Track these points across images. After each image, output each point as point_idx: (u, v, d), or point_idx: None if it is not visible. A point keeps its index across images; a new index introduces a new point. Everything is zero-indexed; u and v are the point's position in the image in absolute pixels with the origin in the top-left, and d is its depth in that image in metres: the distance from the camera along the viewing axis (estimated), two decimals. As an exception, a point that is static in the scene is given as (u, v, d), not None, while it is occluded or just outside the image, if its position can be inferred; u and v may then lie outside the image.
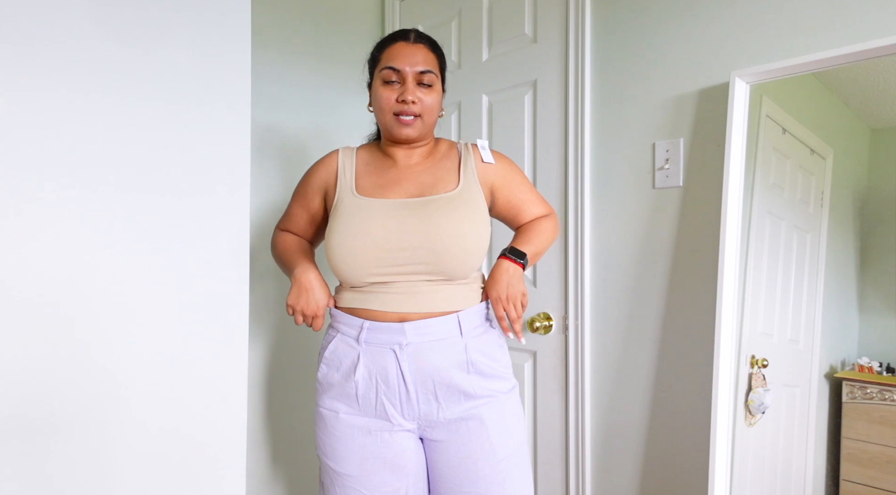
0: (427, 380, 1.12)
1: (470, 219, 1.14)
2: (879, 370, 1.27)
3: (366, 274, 1.13)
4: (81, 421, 0.96)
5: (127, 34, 1.00)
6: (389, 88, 1.17)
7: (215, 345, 1.11)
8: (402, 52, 1.17)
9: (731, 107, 1.38)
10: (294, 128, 1.93)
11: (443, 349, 1.13)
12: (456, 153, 1.25)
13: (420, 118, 1.17)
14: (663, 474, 1.55)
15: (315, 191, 1.27)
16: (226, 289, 1.12)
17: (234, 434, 1.14)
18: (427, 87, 1.17)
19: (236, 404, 1.13)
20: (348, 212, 1.15)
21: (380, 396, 1.13)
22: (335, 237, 1.14)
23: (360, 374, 1.13)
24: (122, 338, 0.99)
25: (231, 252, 1.12)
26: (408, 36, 1.20)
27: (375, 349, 1.13)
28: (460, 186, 1.18)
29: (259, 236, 1.82)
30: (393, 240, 1.11)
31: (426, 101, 1.17)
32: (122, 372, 0.99)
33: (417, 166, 1.23)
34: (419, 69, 1.16)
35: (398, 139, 1.20)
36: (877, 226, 1.29)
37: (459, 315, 1.14)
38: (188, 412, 1.07)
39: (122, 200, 0.99)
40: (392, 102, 1.16)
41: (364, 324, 1.14)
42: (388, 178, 1.21)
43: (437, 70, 1.20)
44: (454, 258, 1.11)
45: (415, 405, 1.13)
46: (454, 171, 1.21)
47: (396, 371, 1.12)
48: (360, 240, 1.11)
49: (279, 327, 1.89)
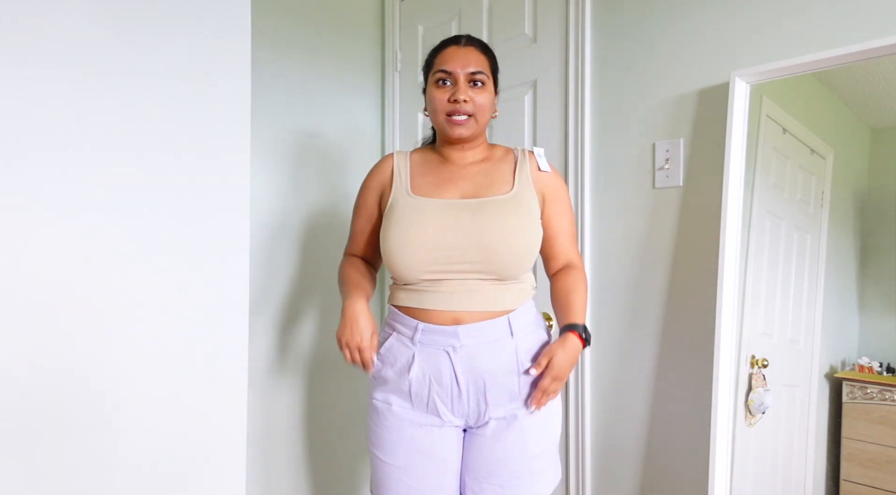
0: (479, 381, 1.15)
1: (521, 223, 1.17)
2: (879, 370, 1.27)
3: (420, 271, 1.15)
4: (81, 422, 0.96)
5: (127, 35, 1.00)
6: (442, 90, 1.20)
7: (215, 345, 1.11)
8: (454, 55, 1.20)
9: (731, 107, 1.38)
10: (294, 128, 1.93)
11: (494, 351, 1.16)
12: (512, 158, 1.27)
13: (473, 117, 1.20)
14: (663, 474, 1.55)
15: (374, 198, 1.28)
16: (226, 289, 1.12)
17: (234, 434, 1.14)
18: (479, 86, 1.20)
19: (236, 404, 1.13)
20: (403, 211, 1.18)
21: (432, 395, 1.16)
22: (390, 235, 1.16)
23: (414, 373, 1.16)
24: (121, 340, 0.99)
25: (231, 253, 1.13)
26: (459, 40, 1.23)
27: (430, 350, 1.16)
28: (514, 190, 1.20)
29: (259, 237, 1.82)
30: (448, 239, 1.14)
31: (478, 101, 1.19)
32: (121, 373, 0.99)
33: (473, 167, 1.25)
34: (470, 70, 1.19)
35: (452, 139, 1.23)
36: (877, 226, 1.29)
37: (510, 316, 1.17)
38: (188, 412, 1.07)
39: (121, 201, 0.99)
40: (445, 103, 1.19)
41: (419, 326, 1.16)
42: (443, 177, 1.23)
43: (488, 71, 1.22)
44: (502, 259, 1.14)
45: (465, 404, 1.16)
46: (509, 175, 1.23)
47: (450, 372, 1.15)
48: (415, 238, 1.14)
49: (279, 328, 1.89)
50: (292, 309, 1.92)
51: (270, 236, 1.87)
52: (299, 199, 1.94)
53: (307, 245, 1.96)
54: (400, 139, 2.16)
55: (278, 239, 1.89)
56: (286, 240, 1.91)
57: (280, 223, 1.89)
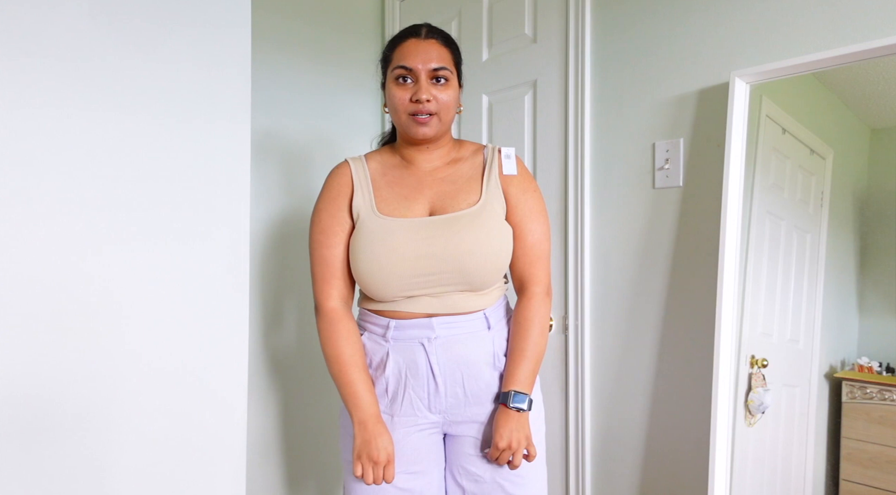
0: (456, 372, 1.12)
1: (492, 236, 1.13)
2: (879, 370, 1.27)
3: (395, 293, 1.12)
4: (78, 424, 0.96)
5: (126, 34, 1.00)
6: (403, 88, 1.12)
7: (214, 347, 1.11)
8: (414, 50, 1.12)
9: (731, 107, 1.38)
10: (294, 128, 1.93)
11: (471, 341, 1.13)
12: (481, 159, 1.21)
13: (436, 116, 1.13)
14: (663, 474, 1.55)
15: (345, 217, 1.16)
16: (225, 292, 1.12)
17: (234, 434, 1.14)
18: (442, 83, 1.13)
19: (235, 406, 1.13)
20: (372, 233, 1.11)
21: (408, 391, 1.13)
22: (363, 260, 1.11)
23: (389, 370, 1.13)
24: (120, 341, 0.99)
25: (230, 255, 1.12)
26: (419, 32, 1.15)
27: (404, 344, 1.13)
28: (482, 200, 1.15)
29: (259, 239, 1.83)
30: (422, 263, 1.10)
31: (441, 99, 1.12)
32: (118, 376, 0.99)
33: (438, 172, 1.19)
34: (432, 66, 1.11)
35: (415, 139, 1.16)
36: (877, 226, 1.29)
37: (486, 312, 1.15)
38: (186, 415, 1.07)
39: (121, 203, 0.99)
40: (406, 102, 1.12)
41: (391, 323, 1.13)
42: (409, 187, 1.17)
43: (451, 65, 1.15)
44: (482, 274, 1.12)
45: (442, 398, 1.13)
46: (476, 181, 1.18)
47: (426, 363, 1.12)
48: (387, 264, 1.09)
49: (278, 330, 1.89)
50: (292, 309, 1.92)
51: (270, 236, 1.87)
52: (299, 199, 1.94)
53: (306, 244, 1.96)
54: (400, 139, 2.16)
55: (279, 239, 1.89)
56: (286, 241, 1.91)
57: (280, 223, 1.89)
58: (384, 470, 1.08)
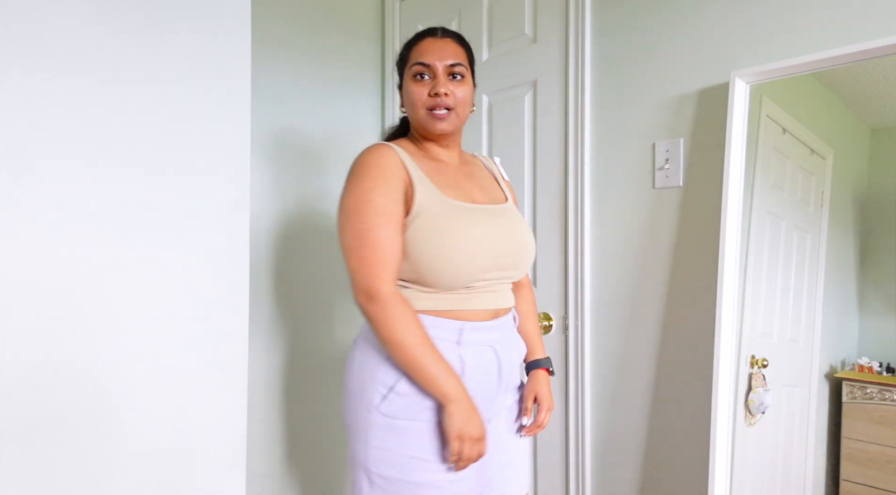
0: (510, 373, 1.17)
1: (529, 229, 1.22)
2: (879, 370, 1.27)
3: (466, 281, 1.09)
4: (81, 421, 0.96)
5: (126, 36, 1.00)
6: (421, 84, 1.14)
7: (215, 347, 1.11)
8: (432, 47, 1.15)
9: (731, 107, 1.38)
10: (294, 127, 1.93)
11: (517, 342, 1.21)
12: (481, 163, 1.30)
13: (453, 111, 1.14)
14: (663, 474, 1.55)
15: (401, 199, 1.08)
16: (225, 291, 1.12)
17: (234, 435, 1.14)
18: (458, 80, 1.15)
19: (236, 406, 1.13)
20: (443, 217, 1.07)
21: (478, 394, 1.10)
22: (435, 245, 1.05)
23: (469, 376, 1.09)
24: (121, 341, 0.99)
25: (230, 254, 1.12)
26: (435, 32, 1.18)
27: (476, 348, 1.11)
28: (509, 198, 1.24)
29: (259, 237, 1.82)
30: (496, 249, 1.11)
31: (458, 94, 1.14)
32: (121, 374, 0.99)
33: (463, 168, 1.22)
34: (449, 62, 1.14)
35: (433, 135, 1.16)
36: (877, 226, 1.29)
37: (513, 309, 1.23)
38: (188, 413, 1.07)
39: (121, 201, 0.99)
40: (424, 97, 1.13)
41: (464, 326, 1.09)
42: (450, 176, 1.17)
43: (466, 63, 1.18)
44: (526, 263, 1.19)
45: (500, 398, 1.17)
46: (492, 181, 1.26)
47: (496, 366, 1.13)
48: (465, 248, 1.07)
49: (278, 330, 1.89)
50: (292, 309, 1.92)
51: (270, 236, 1.87)
52: (298, 199, 1.94)
53: (307, 245, 1.96)
54: (400, 139, 2.16)
55: (279, 239, 1.89)
56: (286, 241, 1.91)
57: (279, 223, 1.89)
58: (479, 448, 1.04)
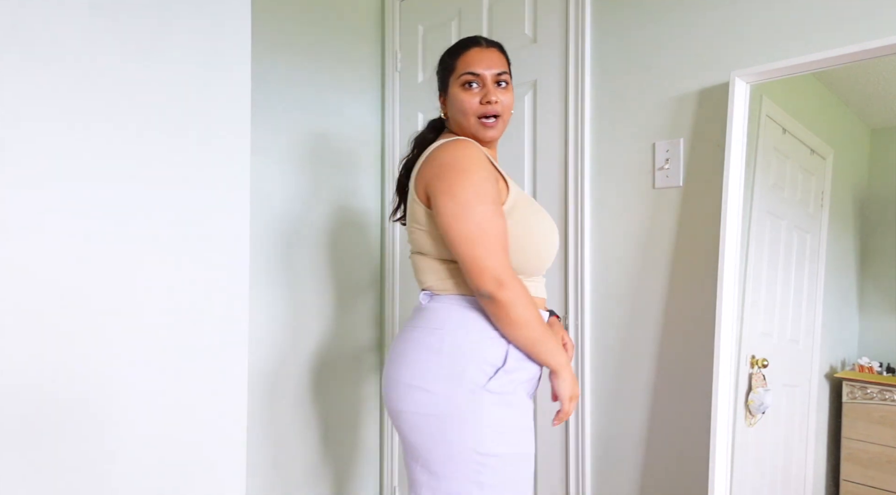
0: None
1: None
2: (879, 370, 1.27)
3: (546, 266, 1.23)
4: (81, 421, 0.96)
5: (126, 36, 1.00)
6: (471, 92, 1.19)
7: (215, 346, 1.11)
8: (479, 57, 1.21)
9: (731, 107, 1.38)
10: (294, 128, 1.93)
11: None
12: None
13: (500, 118, 1.21)
14: (663, 474, 1.55)
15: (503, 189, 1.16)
16: (225, 291, 1.12)
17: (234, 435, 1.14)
18: (503, 87, 1.21)
19: (236, 405, 1.13)
20: (533, 206, 1.22)
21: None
22: (539, 231, 1.20)
23: None
24: (121, 340, 0.99)
25: (231, 253, 1.13)
26: (479, 42, 1.24)
27: None
28: None
29: (259, 237, 1.82)
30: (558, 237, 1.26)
31: (505, 101, 1.20)
32: (121, 374, 0.99)
33: None
34: (496, 71, 1.20)
35: (484, 141, 1.22)
36: (877, 226, 1.29)
37: None
38: (187, 413, 1.07)
39: (121, 202, 0.99)
40: (475, 105, 1.19)
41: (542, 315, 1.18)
42: None
43: (509, 71, 1.24)
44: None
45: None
46: None
47: None
48: (553, 238, 1.22)
49: (281, 329, 1.89)
50: (293, 309, 1.92)
51: (271, 236, 1.87)
52: (299, 199, 1.94)
53: (307, 245, 1.96)
54: (400, 139, 2.16)
55: (279, 239, 1.89)
56: (286, 240, 1.91)
57: (279, 223, 1.89)
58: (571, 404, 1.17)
